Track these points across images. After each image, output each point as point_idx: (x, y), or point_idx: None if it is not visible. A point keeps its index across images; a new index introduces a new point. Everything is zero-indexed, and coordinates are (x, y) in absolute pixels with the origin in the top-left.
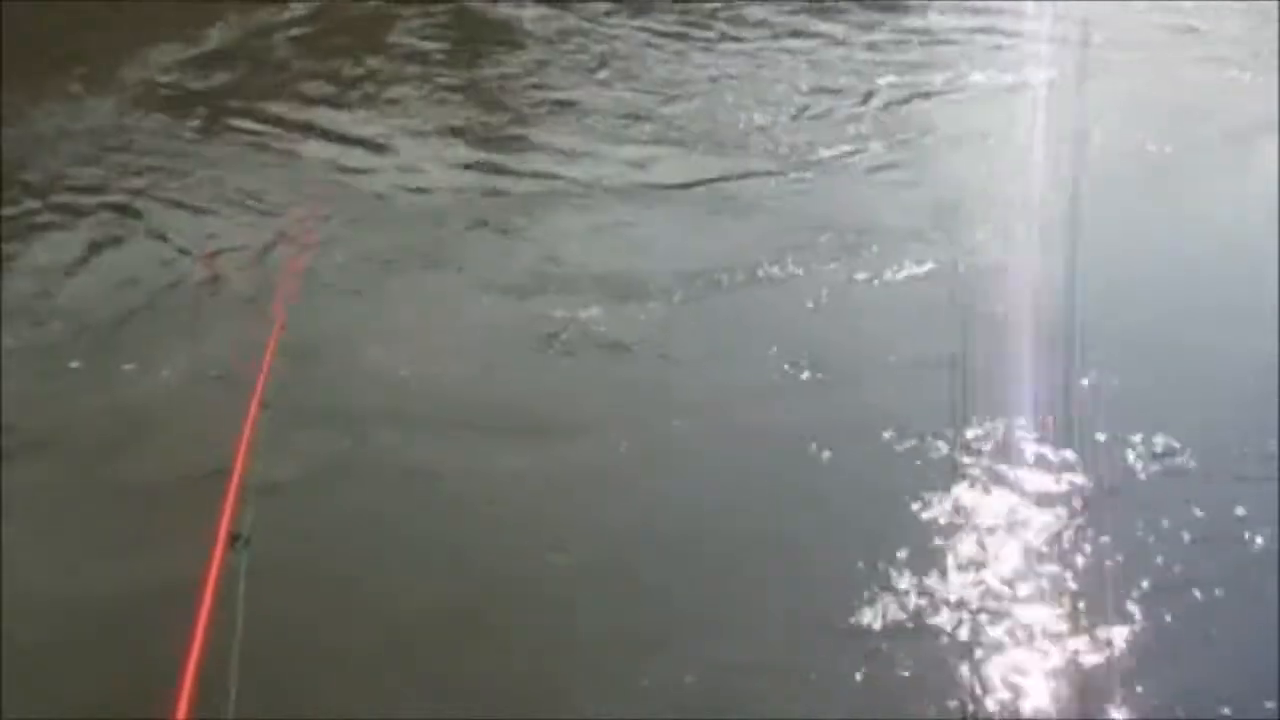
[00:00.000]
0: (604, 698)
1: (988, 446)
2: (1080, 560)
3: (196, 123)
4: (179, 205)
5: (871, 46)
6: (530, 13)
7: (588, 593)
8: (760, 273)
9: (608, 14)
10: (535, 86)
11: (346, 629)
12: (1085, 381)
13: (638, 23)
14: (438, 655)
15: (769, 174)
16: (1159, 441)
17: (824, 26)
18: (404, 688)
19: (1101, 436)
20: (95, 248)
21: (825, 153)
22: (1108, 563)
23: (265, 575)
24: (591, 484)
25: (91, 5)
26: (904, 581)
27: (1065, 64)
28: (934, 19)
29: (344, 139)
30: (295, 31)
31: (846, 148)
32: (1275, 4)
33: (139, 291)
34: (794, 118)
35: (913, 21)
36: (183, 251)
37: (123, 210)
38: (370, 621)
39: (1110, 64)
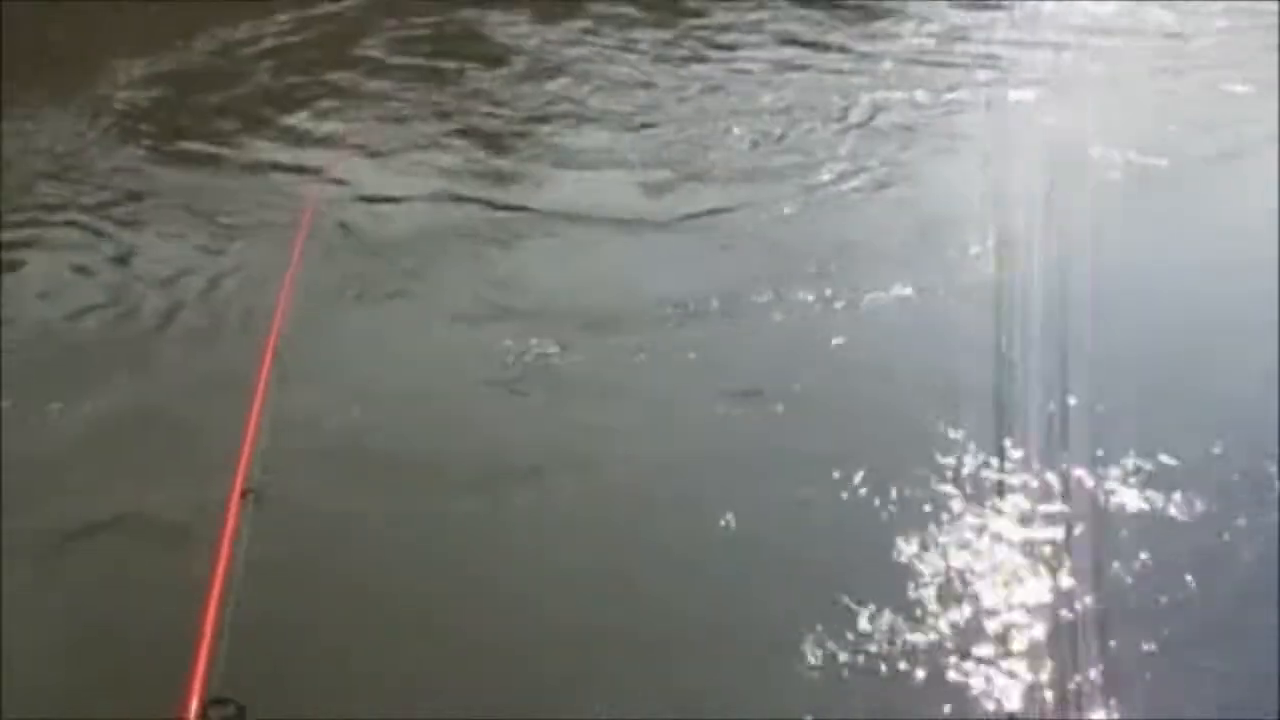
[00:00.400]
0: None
1: (974, 471)
2: (1071, 586)
3: (161, 142)
4: (136, 230)
5: (857, 63)
6: (512, 29)
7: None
8: (738, 302)
9: (589, 30)
10: (511, 107)
11: None
12: (1075, 402)
13: (620, 39)
14: None
15: (751, 197)
16: (1152, 464)
17: (809, 46)
18: None
19: (1092, 458)
20: (48, 274)
21: (809, 174)
22: (1099, 587)
23: None
24: (535, 531)
25: (74, 13)
26: (892, 610)
27: (1054, 78)
28: (920, 35)
29: (312, 161)
30: (274, 43)
31: (831, 168)
32: (1268, 19)
33: (87, 322)
34: (777, 139)
35: (899, 38)
36: (137, 279)
37: (80, 234)
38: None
39: (1100, 78)
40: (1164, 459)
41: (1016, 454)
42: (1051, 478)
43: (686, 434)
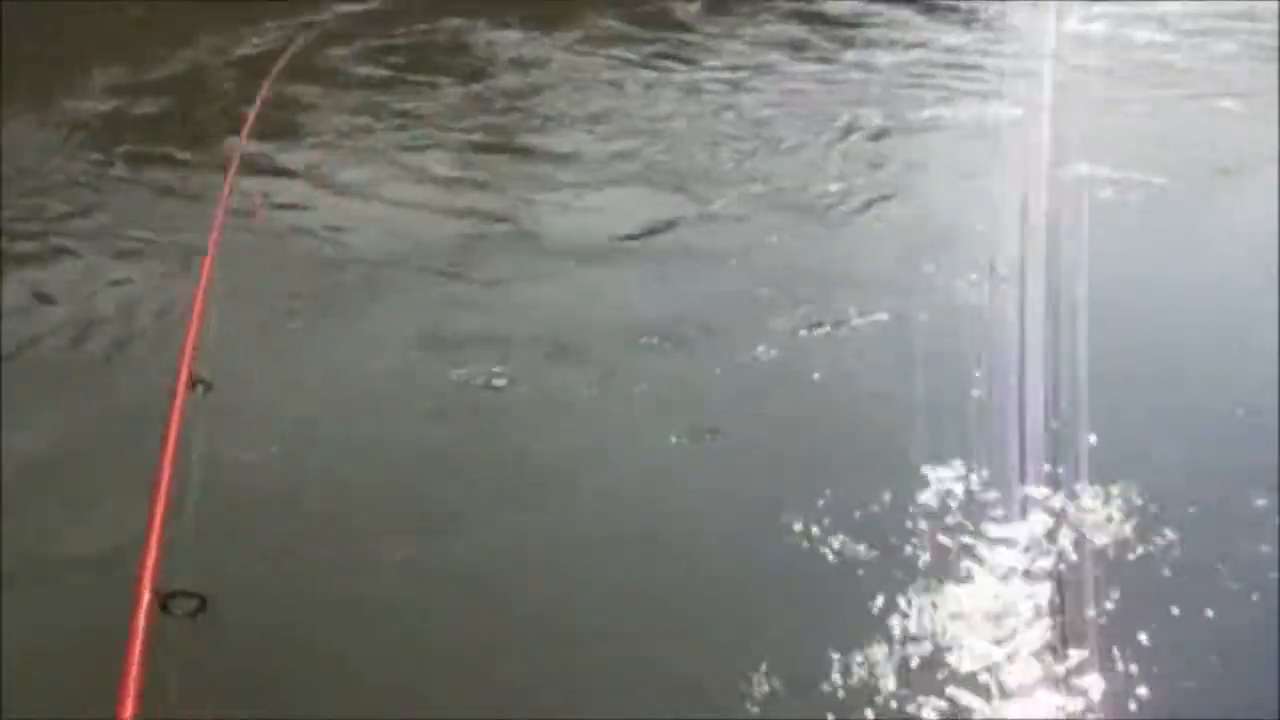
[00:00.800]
0: None
1: (954, 506)
2: (1059, 627)
3: (128, 154)
4: (92, 247)
5: (844, 80)
6: (501, 38)
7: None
8: (712, 328)
9: (574, 44)
10: (489, 120)
11: None
12: (1064, 432)
13: (605, 54)
14: None
15: (734, 218)
16: (1147, 492)
17: (797, 63)
18: None
19: (1083, 487)
20: None
21: (795, 195)
22: (1088, 627)
23: None
24: (472, 567)
25: (57, 18)
26: (870, 647)
27: (1043, 96)
28: (912, 54)
29: (277, 174)
30: (254, 52)
31: (815, 187)
32: (1260, 38)
33: (18, 341)
34: (764, 157)
35: (886, 55)
36: (89, 298)
37: (33, 250)
38: None
39: (1090, 95)
40: (1160, 485)
41: (1002, 485)
42: (1038, 509)
43: (641, 467)
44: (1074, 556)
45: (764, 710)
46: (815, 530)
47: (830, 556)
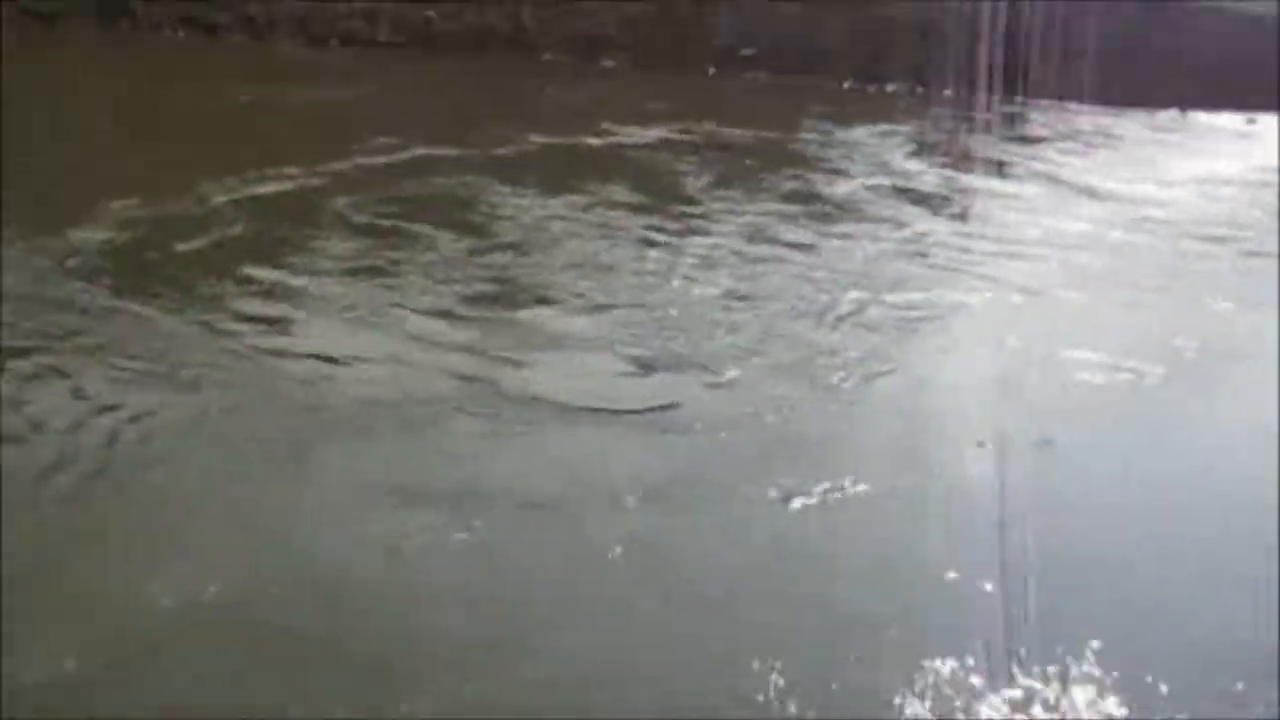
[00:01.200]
0: None
1: (928, 697)
2: None
3: (123, 282)
4: (70, 373)
5: (846, 261)
6: (508, 198)
7: None
8: (692, 495)
9: (586, 206)
10: (486, 275)
11: None
12: (1050, 619)
13: (613, 218)
14: None
15: (728, 385)
16: (1125, 682)
17: (799, 239)
18: None
19: (1068, 681)
20: None
21: (791, 366)
22: None
23: None
24: None
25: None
26: None
27: (1037, 286)
28: (908, 241)
29: (268, 316)
30: (268, 192)
31: (814, 361)
32: (1235, 245)
33: None
34: (763, 327)
35: (887, 241)
36: (50, 425)
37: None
38: None
39: (1071, 288)
40: (1144, 679)
41: (989, 668)
42: (1029, 698)
43: (604, 630)
44: None
45: None
46: (786, 705)
47: None
